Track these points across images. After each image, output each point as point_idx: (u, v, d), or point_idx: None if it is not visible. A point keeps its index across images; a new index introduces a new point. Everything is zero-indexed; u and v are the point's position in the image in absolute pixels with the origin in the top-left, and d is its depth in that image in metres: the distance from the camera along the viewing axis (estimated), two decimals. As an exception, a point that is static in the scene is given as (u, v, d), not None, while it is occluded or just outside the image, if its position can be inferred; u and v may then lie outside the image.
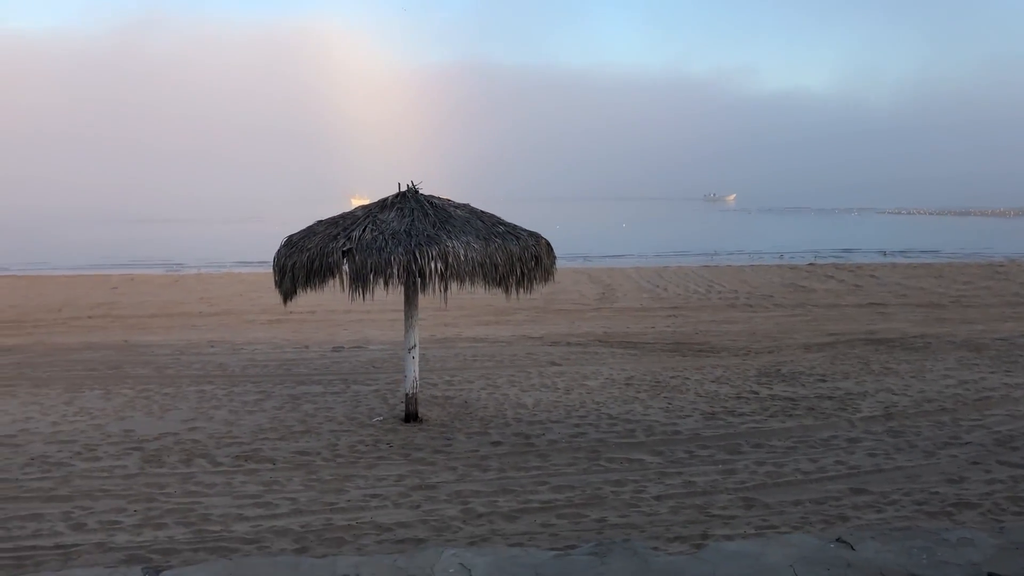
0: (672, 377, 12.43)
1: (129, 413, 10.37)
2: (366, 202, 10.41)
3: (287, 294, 9.85)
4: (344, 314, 19.71)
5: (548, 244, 10.32)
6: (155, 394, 11.35)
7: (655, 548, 5.07)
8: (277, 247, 10.06)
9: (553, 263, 10.40)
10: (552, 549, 4.82)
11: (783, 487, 7.77)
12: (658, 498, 7.48)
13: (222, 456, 8.65)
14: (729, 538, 6.18)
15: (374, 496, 7.49)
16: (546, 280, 10.33)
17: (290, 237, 10.09)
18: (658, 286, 26.44)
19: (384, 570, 3.53)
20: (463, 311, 19.97)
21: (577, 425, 9.83)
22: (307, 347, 15.20)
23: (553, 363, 13.50)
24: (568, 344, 15.44)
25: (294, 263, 9.59)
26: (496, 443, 9.14)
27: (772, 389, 11.62)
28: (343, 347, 15.17)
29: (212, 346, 15.33)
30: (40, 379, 12.32)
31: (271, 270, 10.23)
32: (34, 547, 6.38)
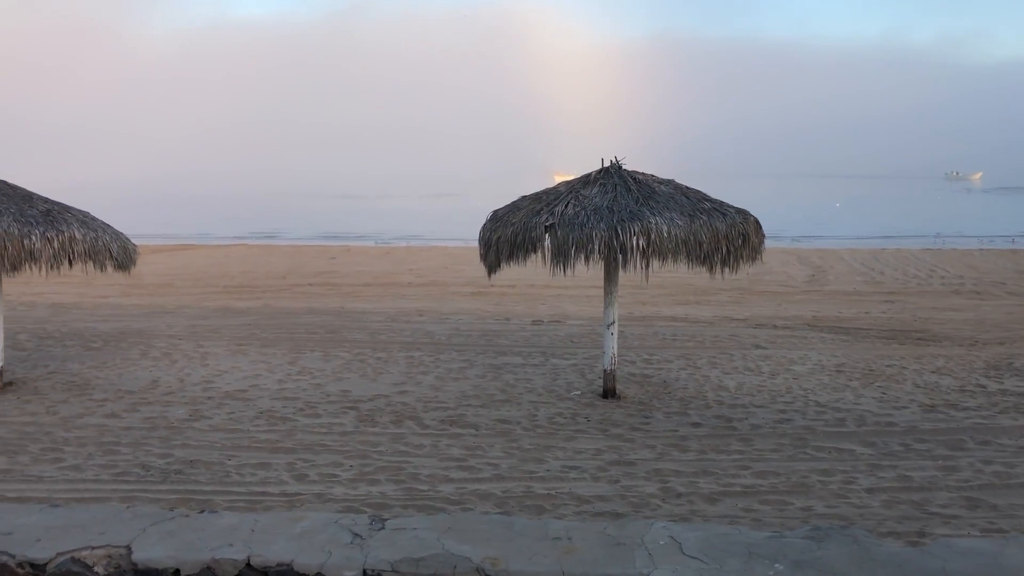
0: (888, 366, 11.66)
1: (345, 375, 11.06)
2: (569, 178, 10.46)
3: (491, 267, 10.10)
4: (543, 288, 19.99)
5: (757, 222, 9.95)
6: (369, 358, 12.03)
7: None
8: (482, 222, 10.34)
9: (762, 242, 10.02)
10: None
11: (1015, 489, 7.11)
12: (869, 491, 7.07)
13: (429, 419, 9.05)
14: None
15: (573, 468, 7.58)
16: (753, 260, 9.96)
17: (495, 212, 10.32)
18: (873, 269, 24.86)
19: (594, 536, 3.54)
20: (663, 289, 19.70)
21: (782, 411, 9.46)
22: (508, 319, 15.56)
23: (757, 346, 13.05)
24: (774, 327, 14.87)
25: (499, 237, 9.80)
26: (696, 424, 8.97)
27: (1003, 384, 10.64)
28: (542, 321, 15.40)
29: (420, 315, 16.03)
30: (267, 340, 13.38)
31: (475, 244, 10.54)
32: (263, 492, 6.96)
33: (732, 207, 9.85)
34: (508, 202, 10.41)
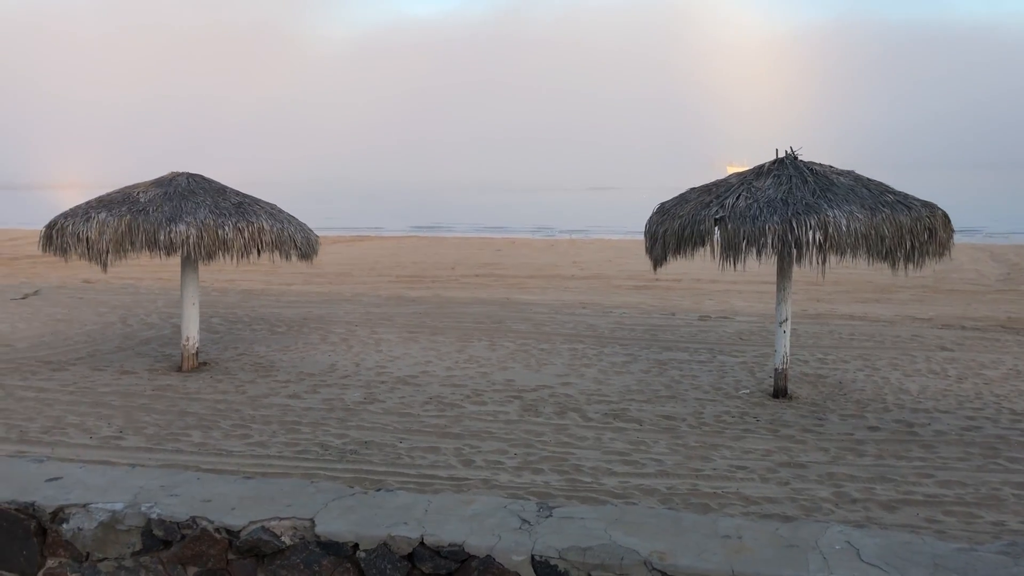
0: (1095, 374, 10.64)
1: (510, 364, 11.25)
2: (742, 170, 10.16)
3: (657, 260, 9.96)
4: (710, 283, 19.56)
5: (945, 215, 9.31)
6: (533, 349, 12.18)
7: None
8: (648, 215, 10.22)
9: (950, 237, 9.37)
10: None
11: None
12: (1073, 510, 6.47)
13: (592, 412, 9.05)
14: None
15: (740, 468, 7.37)
16: (940, 256, 9.33)
17: (662, 204, 10.17)
18: (1078, 268, 22.74)
19: (766, 536, 3.43)
20: (839, 286, 18.81)
21: (971, 418, 8.82)
22: (673, 314, 15.32)
23: (943, 348, 12.22)
24: (962, 328, 13.88)
25: (665, 230, 9.66)
26: (873, 428, 8.51)
27: None
28: (709, 316, 15.07)
29: (583, 307, 16.06)
30: (436, 328, 13.80)
31: (639, 237, 10.41)
32: (433, 476, 7.19)
33: (917, 200, 9.26)
34: (675, 195, 10.24)
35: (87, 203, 10.83)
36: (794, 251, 8.81)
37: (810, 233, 8.63)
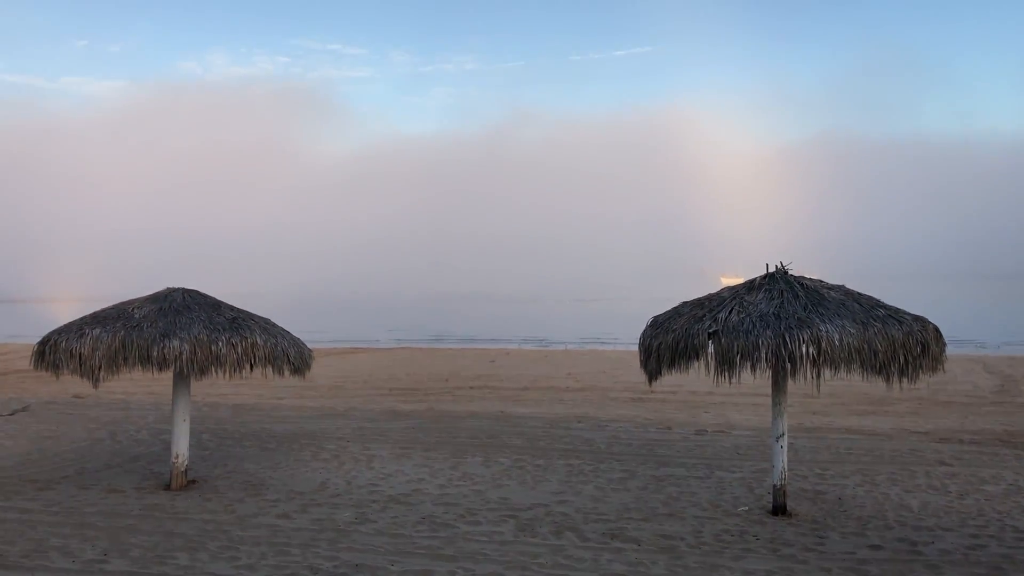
0: (1098, 489, 10.50)
1: (505, 481, 11.06)
2: (736, 282, 10.27)
3: (652, 374, 9.94)
4: (706, 395, 19.46)
5: (936, 329, 9.37)
6: (528, 465, 12.00)
7: None
8: (641, 326, 10.26)
9: (943, 351, 9.40)
10: None
11: None
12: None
13: (589, 531, 8.85)
14: None
15: (741, 591, 7.16)
16: (934, 370, 9.35)
17: (656, 318, 10.23)
18: (1072, 378, 22.75)
19: None
20: (835, 398, 18.73)
21: (974, 536, 8.64)
22: (670, 428, 15.19)
23: (942, 462, 12.08)
24: (960, 442, 13.76)
25: (659, 343, 9.68)
26: (875, 547, 8.32)
27: None
28: (706, 431, 14.93)
29: (579, 421, 15.91)
30: (430, 443, 13.63)
31: (634, 347, 10.42)
32: (425, 601, 6.97)
33: (908, 314, 9.34)
34: (667, 306, 10.32)
35: (81, 319, 10.84)
36: (788, 365, 8.82)
37: (803, 347, 8.67)
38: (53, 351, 10.44)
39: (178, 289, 11.33)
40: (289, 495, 10.35)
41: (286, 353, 11.13)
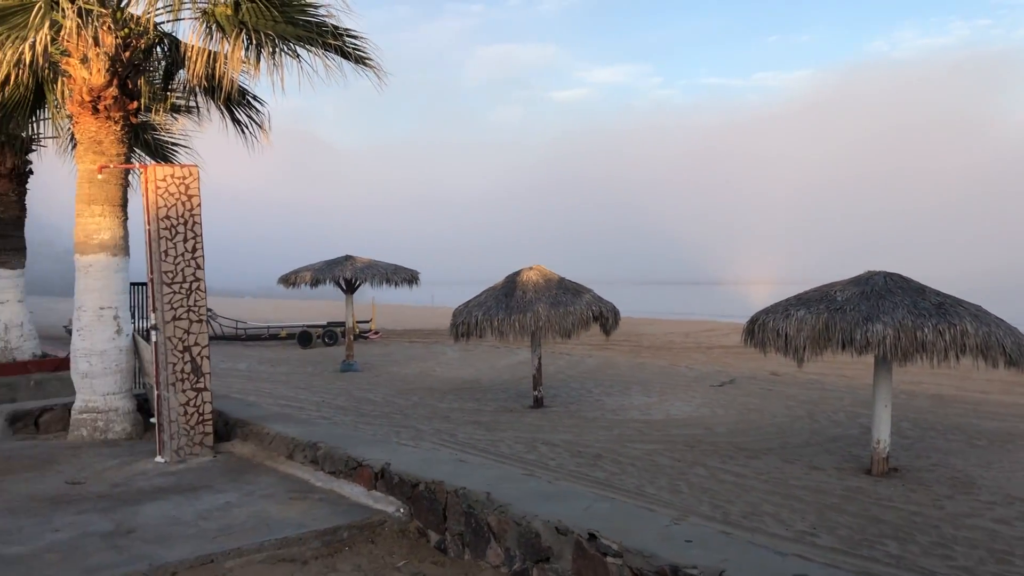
0: None
1: None
2: None
3: None
4: None
5: None
6: None
7: None
8: None
9: None
10: None
11: None
12: None
13: None
14: None
15: None
16: None
17: None
18: None
19: None
20: None
21: None
22: None
23: None
24: None
25: None
26: None
27: None
28: None
29: None
30: None
31: None
32: None
33: None
34: None
35: (786, 300, 11.38)
36: None
37: None
38: (761, 330, 11.17)
39: (880, 272, 11.10)
40: (1006, 499, 9.34)
41: (1001, 343, 10.07)
